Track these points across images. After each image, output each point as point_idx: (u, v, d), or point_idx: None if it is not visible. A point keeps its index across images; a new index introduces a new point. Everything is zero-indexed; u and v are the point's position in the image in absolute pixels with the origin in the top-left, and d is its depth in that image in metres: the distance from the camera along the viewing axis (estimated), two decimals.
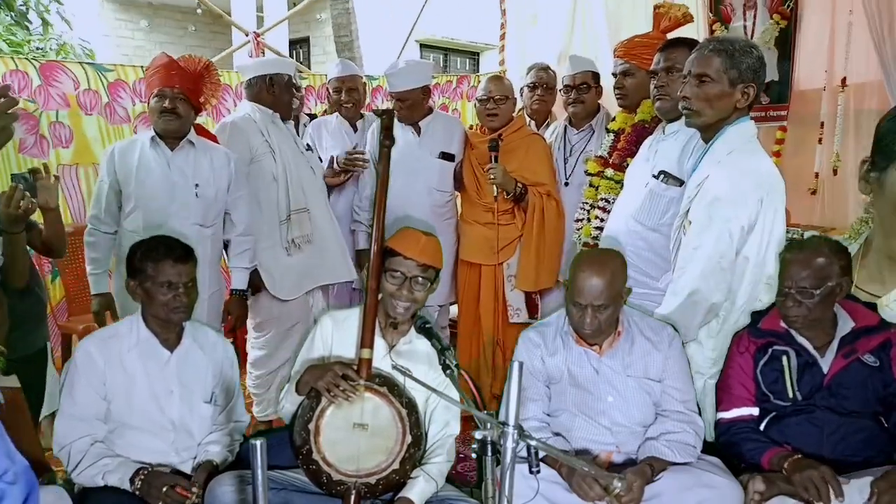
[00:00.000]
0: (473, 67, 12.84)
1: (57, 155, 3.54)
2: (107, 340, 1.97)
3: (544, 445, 1.38)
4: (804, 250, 1.80)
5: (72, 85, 3.55)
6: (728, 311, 1.94)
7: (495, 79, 3.16)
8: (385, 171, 2.06)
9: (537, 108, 3.41)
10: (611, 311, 1.87)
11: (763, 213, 1.84)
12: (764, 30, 3.82)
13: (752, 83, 1.89)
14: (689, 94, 1.93)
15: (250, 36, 4.71)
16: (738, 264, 1.89)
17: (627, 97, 2.66)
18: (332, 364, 1.88)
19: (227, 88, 4.17)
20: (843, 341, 1.80)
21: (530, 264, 3.04)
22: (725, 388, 1.92)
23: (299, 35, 12.37)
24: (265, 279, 2.85)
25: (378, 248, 1.95)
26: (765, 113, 3.92)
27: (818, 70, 3.66)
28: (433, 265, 1.96)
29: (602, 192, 2.69)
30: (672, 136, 2.24)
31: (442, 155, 3.13)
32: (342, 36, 7.82)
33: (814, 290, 1.75)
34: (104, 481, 1.83)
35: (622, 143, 2.66)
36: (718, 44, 1.91)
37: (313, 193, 2.94)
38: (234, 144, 2.78)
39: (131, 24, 12.62)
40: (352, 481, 1.83)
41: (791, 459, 1.71)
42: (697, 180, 1.93)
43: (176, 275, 1.92)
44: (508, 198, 2.99)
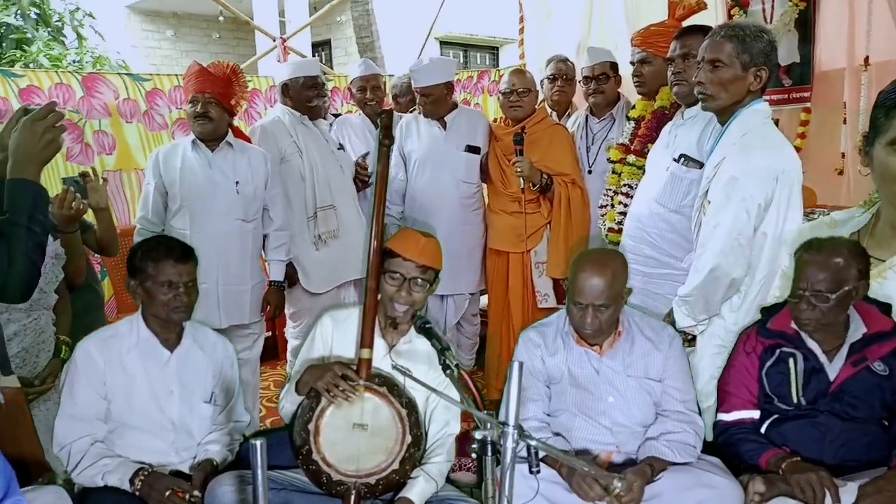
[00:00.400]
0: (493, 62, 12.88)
1: (101, 161, 3.72)
2: (107, 340, 1.96)
3: (544, 445, 1.38)
4: (822, 251, 1.73)
5: (112, 95, 3.73)
6: (748, 285, 1.98)
7: (518, 72, 3.23)
8: (384, 170, 2.05)
9: (558, 98, 3.48)
10: (611, 311, 1.88)
11: (779, 190, 1.90)
12: (783, 12, 3.83)
13: (764, 66, 1.94)
14: (703, 80, 1.99)
15: (277, 41, 4.85)
16: (756, 240, 1.93)
17: (646, 84, 2.72)
18: (331, 364, 1.88)
19: (256, 93, 4.32)
20: (852, 348, 1.76)
21: (559, 252, 3.12)
22: (728, 389, 1.91)
23: (321, 38, 12.54)
24: (298, 272, 3.02)
25: (377, 248, 1.94)
26: (787, 95, 3.93)
27: (839, 50, 3.66)
28: (432, 266, 1.95)
29: (625, 178, 2.76)
30: (691, 121, 2.31)
31: (468, 148, 3.23)
32: (363, 37, 7.96)
33: (829, 294, 1.70)
34: (104, 481, 1.82)
35: (642, 129, 2.72)
36: (730, 29, 1.96)
37: (340, 191, 3.08)
38: (264, 146, 2.94)
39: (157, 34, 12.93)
40: (352, 481, 1.82)
41: (789, 461, 1.71)
42: (715, 161, 1.98)
43: (176, 274, 1.92)
44: (535, 189, 3.08)
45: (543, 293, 3.19)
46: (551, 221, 3.16)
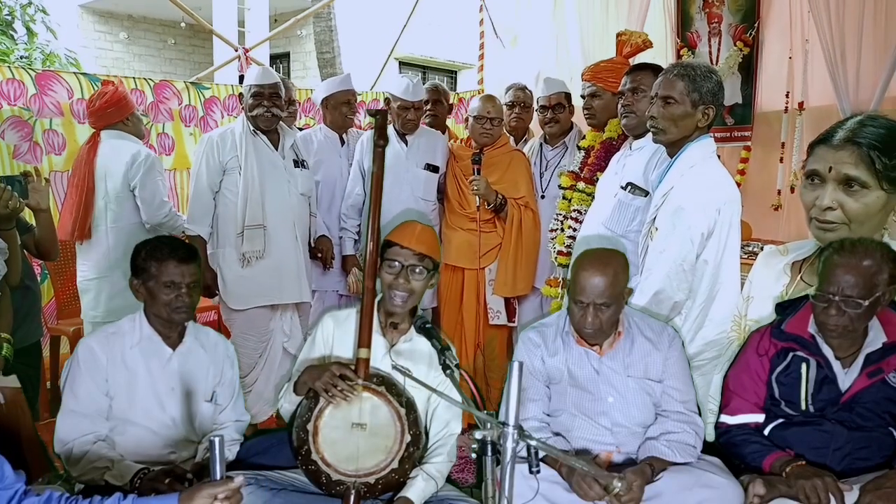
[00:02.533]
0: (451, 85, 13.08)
1: (49, 161, 3.62)
2: (109, 337, 1.97)
3: (544, 445, 1.37)
4: (855, 254, 1.62)
5: (66, 94, 3.65)
6: (689, 308, 2.09)
7: (491, 99, 3.32)
8: (380, 170, 2.05)
9: (515, 125, 3.59)
10: (612, 310, 1.87)
11: (720, 221, 2.01)
12: (728, 55, 4.08)
13: (712, 105, 2.08)
14: (655, 114, 2.11)
15: (240, 51, 4.84)
16: (698, 267, 2.04)
17: (595, 117, 2.87)
18: (329, 364, 1.88)
19: (214, 100, 4.30)
20: (869, 358, 1.70)
21: (508, 272, 3.21)
22: (734, 391, 1.87)
23: (280, 50, 12.50)
24: (219, 285, 3.01)
25: (374, 248, 1.96)
26: (730, 133, 4.16)
27: (779, 94, 3.92)
28: (430, 255, 1.96)
29: (574, 203, 2.88)
30: (638, 152, 2.44)
31: (427, 166, 3.32)
32: (324, 52, 7.98)
33: (861, 301, 1.61)
34: (104, 482, 1.81)
35: (592, 158, 2.85)
36: (682, 69, 2.09)
37: (279, 211, 3.01)
38: (207, 157, 2.97)
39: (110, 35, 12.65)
40: (351, 481, 1.82)
41: (794, 465, 1.68)
42: (663, 191, 2.10)
43: (179, 275, 1.93)
44: (489, 208, 3.16)
45: (496, 310, 3.26)
46: (503, 242, 3.24)
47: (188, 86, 4.21)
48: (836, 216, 1.71)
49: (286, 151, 3.11)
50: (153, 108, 4.01)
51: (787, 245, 2.01)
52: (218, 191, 3.00)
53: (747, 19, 3.97)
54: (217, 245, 3.03)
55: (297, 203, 3.11)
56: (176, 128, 4.12)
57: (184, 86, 4.19)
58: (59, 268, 3.58)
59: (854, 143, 1.67)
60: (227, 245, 2.99)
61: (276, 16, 11.84)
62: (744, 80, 4.05)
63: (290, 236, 3.07)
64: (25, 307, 2.59)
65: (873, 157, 1.64)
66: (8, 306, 2.31)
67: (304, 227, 3.17)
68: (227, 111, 4.30)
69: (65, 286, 3.61)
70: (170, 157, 4.09)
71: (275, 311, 3.10)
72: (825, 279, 1.66)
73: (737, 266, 2.09)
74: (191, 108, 4.18)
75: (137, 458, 1.90)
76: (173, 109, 4.10)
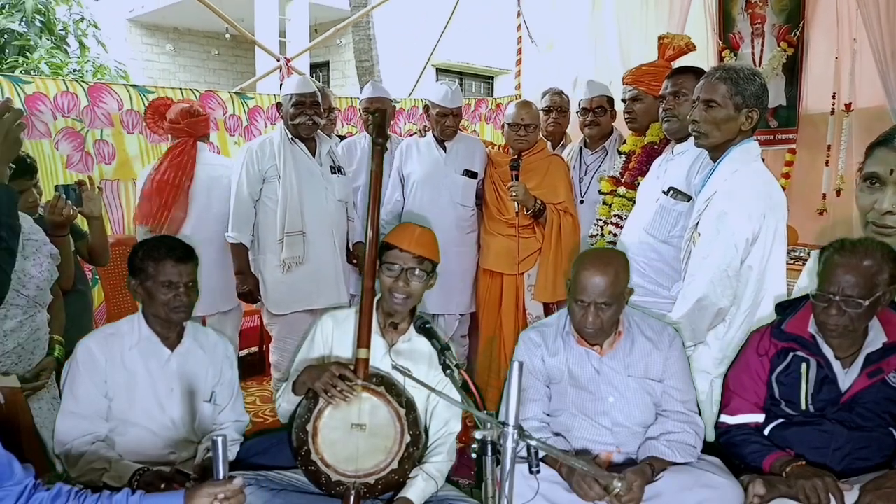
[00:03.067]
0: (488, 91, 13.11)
1: (100, 170, 3.76)
2: (108, 338, 1.96)
3: (544, 445, 1.37)
4: (855, 254, 1.63)
5: (116, 105, 3.78)
6: (733, 315, 2.05)
7: (527, 105, 3.31)
8: (378, 168, 2.04)
9: (552, 129, 3.58)
10: (613, 310, 1.87)
11: (765, 226, 1.97)
12: (772, 56, 3.99)
13: (756, 108, 2.04)
14: (697, 118, 2.08)
15: (281, 61, 4.94)
16: (742, 273, 2.00)
17: (636, 121, 2.83)
18: (329, 364, 1.88)
19: (257, 110, 4.40)
20: (869, 358, 1.71)
21: (548, 277, 3.19)
22: (734, 391, 1.88)
23: (319, 59, 12.72)
24: (261, 290, 3.08)
25: (373, 247, 1.95)
26: (774, 136, 4.07)
27: (825, 95, 3.82)
28: (428, 257, 1.97)
29: (615, 209, 2.85)
30: (680, 156, 2.40)
31: (466, 172, 3.33)
32: (363, 61, 8.08)
33: (861, 300, 1.62)
34: (102, 483, 1.80)
35: (633, 163, 2.82)
36: (724, 72, 2.06)
37: (317, 218, 3.06)
38: (247, 166, 3.03)
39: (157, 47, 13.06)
40: (351, 481, 1.82)
41: (794, 465, 1.69)
42: (706, 196, 2.07)
43: (177, 275, 1.93)
44: (528, 213, 3.16)
45: (535, 316, 3.25)
46: (542, 247, 3.23)
47: (232, 96, 4.32)
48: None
49: (323, 158, 3.17)
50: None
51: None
52: (258, 199, 3.06)
53: (792, 19, 3.88)
54: (258, 252, 3.10)
55: (335, 209, 3.17)
56: (221, 137, 4.23)
57: (228, 96, 4.30)
58: (110, 272, 3.70)
59: None
60: (267, 252, 3.05)
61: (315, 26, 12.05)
62: (788, 82, 3.96)
63: (328, 242, 3.12)
64: (78, 310, 2.68)
65: None
66: (61, 309, 2.41)
67: (342, 233, 3.23)
68: (271, 120, 4.40)
69: (115, 290, 3.73)
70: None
71: (314, 315, 3.15)
72: (826, 279, 1.66)
73: (783, 272, 2.05)
74: (235, 117, 4.28)
75: (137, 458, 1.90)
76: (218, 119, 4.21)
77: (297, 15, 11.93)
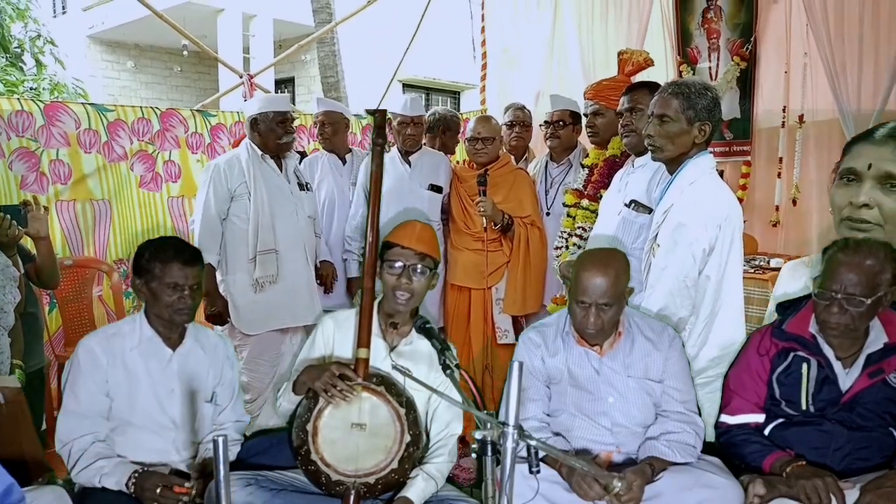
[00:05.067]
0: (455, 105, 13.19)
1: (56, 191, 3.67)
2: (109, 338, 1.98)
3: (544, 445, 1.37)
4: (858, 252, 1.63)
5: (73, 124, 3.70)
6: (693, 324, 2.08)
7: (483, 119, 3.35)
8: (378, 168, 2.05)
9: (515, 144, 3.62)
10: (614, 310, 1.87)
11: (721, 236, 2.01)
12: (726, 70, 4.10)
13: (708, 121, 2.09)
14: (652, 133, 2.13)
15: (244, 77, 4.91)
16: (700, 283, 2.04)
17: (598, 135, 2.89)
18: (329, 364, 1.89)
19: (220, 128, 4.35)
20: (870, 358, 1.70)
21: (517, 290, 3.21)
22: (734, 391, 1.86)
23: (284, 75, 12.67)
24: (231, 311, 3.00)
25: (373, 247, 1.96)
26: (729, 148, 4.17)
27: (776, 108, 3.93)
28: (430, 254, 1.97)
29: (579, 221, 2.89)
30: (640, 169, 2.46)
31: (431, 187, 3.34)
32: (328, 76, 8.07)
33: (864, 299, 1.61)
34: (101, 483, 1.83)
35: (595, 176, 2.87)
36: (676, 87, 2.11)
37: (289, 235, 3.04)
38: (214, 184, 2.98)
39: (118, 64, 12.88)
40: (351, 481, 1.82)
41: (794, 465, 1.68)
42: (664, 208, 2.11)
43: (183, 277, 1.94)
44: (496, 228, 3.18)
45: (504, 329, 3.26)
46: (510, 261, 3.25)
47: (194, 113, 4.26)
48: (872, 215, 1.70)
49: (290, 175, 3.15)
50: (160, 137, 4.06)
51: (811, 257, 2.01)
52: (225, 218, 3.02)
53: (744, 34, 3.99)
54: (227, 272, 3.04)
55: (306, 226, 3.16)
56: (183, 155, 4.16)
57: (190, 113, 4.24)
58: (69, 296, 3.61)
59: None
60: (237, 271, 3.00)
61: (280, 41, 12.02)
62: (742, 95, 4.07)
63: (301, 259, 3.11)
64: (28, 334, 2.61)
65: None
66: (20, 332, 2.34)
67: (312, 250, 3.22)
68: (234, 137, 4.35)
69: (74, 315, 3.64)
70: (177, 184, 4.13)
71: (285, 335, 3.12)
72: (828, 277, 1.65)
73: (739, 282, 2.09)
74: (197, 135, 4.21)
75: (138, 458, 1.92)
76: (180, 137, 4.14)
77: (261, 31, 11.89)
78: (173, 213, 4.10)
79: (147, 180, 4.00)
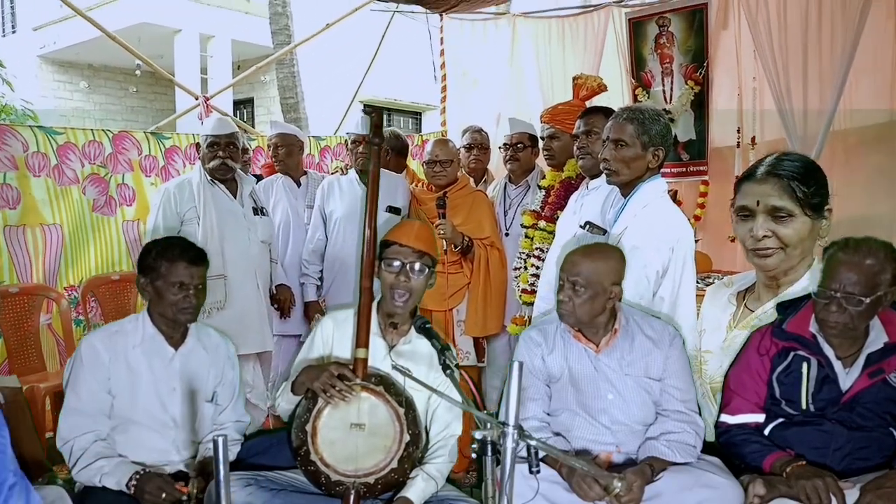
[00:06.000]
0: (416, 127, 13.24)
1: (4, 216, 3.54)
2: (112, 336, 1.99)
3: (544, 445, 1.37)
4: (858, 251, 1.64)
5: (21, 147, 3.59)
6: None
7: (440, 143, 3.35)
8: (375, 168, 2.07)
9: (474, 166, 3.65)
10: (588, 296, 1.86)
11: (674, 258, 2.06)
12: (681, 94, 4.22)
13: (661, 146, 2.14)
14: (608, 157, 2.17)
15: (200, 99, 4.85)
16: (655, 304, 2.08)
17: (555, 157, 2.93)
18: (328, 364, 1.90)
19: (175, 150, 4.28)
20: (870, 358, 1.71)
21: (478, 312, 3.20)
22: (734, 391, 1.86)
23: (244, 96, 12.56)
24: None
25: (371, 247, 1.96)
26: (686, 168, 4.28)
27: (730, 130, 4.05)
28: (428, 252, 1.99)
29: (537, 241, 2.91)
30: (595, 191, 2.49)
31: (388, 209, 3.31)
32: (288, 98, 8.02)
33: (863, 298, 1.62)
34: (101, 483, 1.83)
35: (552, 197, 2.90)
36: (631, 112, 2.16)
37: (239, 260, 3.00)
38: (164, 208, 2.95)
39: (70, 84, 12.60)
40: (350, 481, 1.82)
41: (794, 465, 1.68)
42: (618, 231, 2.14)
43: (188, 276, 1.97)
44: (456, 250, 3.17)
45: (465, 351, 3.25)
46: (471, 282, 3.24)
47: (148, 136, 4.18)
48: (772, 242, 1.82)
49: (245, 199, 3.11)
50: (112, 160, 3.96)
51: (730, 277, 2.12)
52: None
53: (697, 59, 4.12)
54: None
55: (258, 251, 3.10)
56: (136, 178, 4.06)
57: (143, 136, 4.16)
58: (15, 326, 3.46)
59: (776, 176, 1.80)
60: None
61: (239, 62, 11.93)
62: (697, 117, 4.18)
63: (251, 285, 3.04)
64: None
65: (794, 187, 1.78)
66: None
67: (265, 275, 3.16)
68: (189, 160, 4.27)
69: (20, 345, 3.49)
70: (131, 207, 4.02)
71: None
72: (828, 276, 1.66)
73: (692, 301, 2.13)
74: (151, 157, 4.12)
75: (138, 457, 1.93)
76: (133, 160, 4.05)
77: (218, 52, 11.79)
78: (128, 237, 3.99)
79: (101, 204, 3.90)
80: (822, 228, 1.83)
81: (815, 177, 1.81)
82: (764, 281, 1.92)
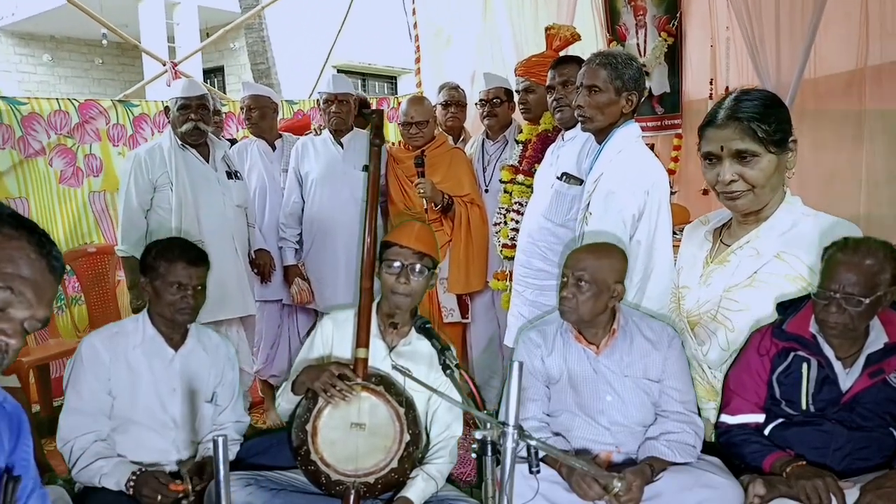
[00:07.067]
0: (392, 90, 13.09)
1: None
2: (113, 336, 2.00)
3: (544, 445, 1.37)
4: (857, 252, 1.63)
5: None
6: (626, 288, 2.08)
7: (415, 101, 3.31)
8: (376, 168, 2.07)
9: (451, 124, 3.62)
10: (591, 294, 1.87)
11: (650, 201, 2.07)
12: (654, 46, 4.19)
13: (635, 91, 2.14)
14: (582, 103, 2.16)
15: (167, 65, 4.73)
16: (632, 248, 2.09)
17: (531, 111, 2.91)
18: (328, 364, 1.91)
19: (144, 118, 4.19)
20: (870, 358, 1.70)
21: (460, 269, 3.22)
22: (735, 391, 1.86)
23: (213, 64, 12.30)
24: None
25: (371, 247, 1.98)
26: (661, 122, 4.28)
27: (704, 82, 4.05)
28: (429, 253, 1.99)
29: (515, 196, 2.91)
30: (570, 142, 2.49)
31: (365, 168, 3.28)
32: (259, 63, 7.88)
33: (862, 299, 1.62)
34: (101, 483, 1.84)
35: (529, 151, 2.90)
36: (604, 57, 2.15)
37: (215, 225, 2.97)
38: (136, 175, 2.89)
39: (33, 58, 12.21)
40: (350, 481, 1.83)
41: (794, 465, 1.68)
42: (594, 177, 2.15)
43: (187, 276, 1.97)
44: (437, 209, 3.17)
45: (449, 308, 3.27)
46: (452, 240, 3.25)
47: (115, 104, 4.08)
48: (740, 185, 1.83)
49: (218, 163, 3.06)
50: (79, 129, 3.87)
51: (707, 215, 2.10)
52: (149, 209, 2.92)
53: (670, 10, 4.08)
54: None
55: (234, 215, 3.07)
56: (104, 148, 3.98)
57: (111, 104, 4.06)
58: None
59: (735, 119, 1.80)
60: None
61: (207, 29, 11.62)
62: (670, 70, 4.17)
63: (229, 249, 3.02)
64: None
65: (754, 128, 1.77)
66: None
67: (242, 239, 3.13)
68: (158, 128, 4.19)
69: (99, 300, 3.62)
70: (98, 178, 3.94)
71: (219, 327, 3.03)
72: (827, 276, 1.66)
73: (669, 245, 2.15)
74: (119, 126, 4.04)
75: (138, 458, 1.94)
76: (100, 129, 3.96)
77: (185, 19, 11.47)
78: (95, 208, 3.93)
79: (67, 175, 3.83)
80: (788, 161, 1.84)
81: (774, 113, 1.79)
82: (738, 219, 1.95)
